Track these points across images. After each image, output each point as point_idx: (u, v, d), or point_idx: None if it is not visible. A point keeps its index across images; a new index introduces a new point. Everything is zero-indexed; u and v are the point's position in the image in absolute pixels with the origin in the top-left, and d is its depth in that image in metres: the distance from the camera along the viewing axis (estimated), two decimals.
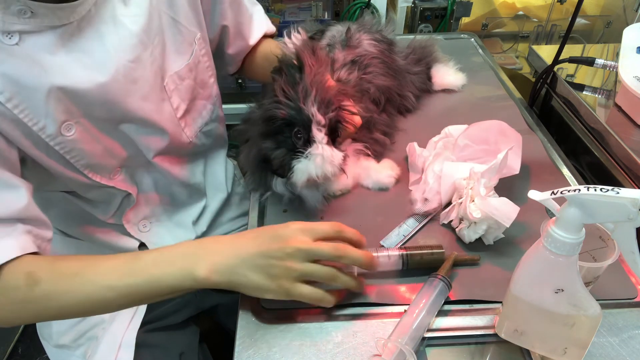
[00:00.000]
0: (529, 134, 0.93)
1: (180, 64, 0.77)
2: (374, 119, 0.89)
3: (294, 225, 0.61)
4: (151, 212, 0.86)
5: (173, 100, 0.77)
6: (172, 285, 0.60)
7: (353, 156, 0.84)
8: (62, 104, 0.63)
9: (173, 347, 0.85)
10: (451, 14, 1.43)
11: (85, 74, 0.64)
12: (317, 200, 0.78)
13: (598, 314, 0.52)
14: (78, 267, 0.61)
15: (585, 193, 0.46)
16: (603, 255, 0.61)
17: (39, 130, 0.63)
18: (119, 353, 0.80)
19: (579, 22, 1.49)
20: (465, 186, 0.71)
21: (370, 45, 0.93)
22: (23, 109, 0.61)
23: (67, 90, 0.63)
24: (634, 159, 0.83)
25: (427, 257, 0.67)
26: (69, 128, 0.65)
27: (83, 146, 0.68)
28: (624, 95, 0.94)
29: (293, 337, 0.62)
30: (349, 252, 0.60)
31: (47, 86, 0.61)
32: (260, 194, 0.83)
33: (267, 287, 0.59)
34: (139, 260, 0.61)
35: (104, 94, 0.66)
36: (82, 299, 0.60)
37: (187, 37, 0.78)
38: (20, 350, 1.58)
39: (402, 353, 0.56)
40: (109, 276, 0.60)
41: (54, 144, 0.65)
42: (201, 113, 0.86)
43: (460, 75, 1.09)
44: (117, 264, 0.61)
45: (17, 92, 0.60)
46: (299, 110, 0.69)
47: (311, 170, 0.69)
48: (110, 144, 0.73)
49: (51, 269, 0.60)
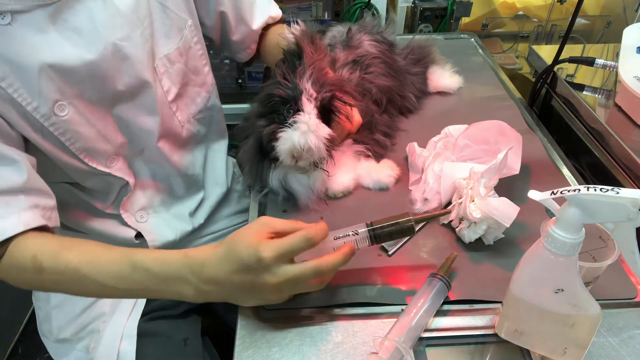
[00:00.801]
0: (529, 134, 0.93)
1: (170, 48, 0.78)
2: (375, 120, 0.89)
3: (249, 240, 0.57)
4: (148, 202, 0.86)
5: (164, 83, 0.78)
6: (169, 298, 0.63)
7: (354, 157, 0.84)
8: (54, 83, 0.65)
9: (176, 334, 0.85)
10: (451, 14, 1.43)
11: (74, 51, 0.66)
12: (309, 197, 0.78)
13: (598, 314, 0.52)
14: (78, 263, 0.61)
15: (585, 193, 0.46)
16: (603, 255, 0.61)
17: (32, 110, 0.64)
18: (121, 344, 0.81)
19: (579, 22, 1.49)
20: (465, 186, 0.71)
21: (371, 46, 0.93)
22: (16, 88, 0.62)
23: (57, 68, 0.64)
24: (634, 159, 0.83)
25: (395, 229, 0.62)
26: (61, 108, 0.67)
27: (77, 128, 0.69)
28: (624, 95, 0.94)
29: (293, 337, 0.62)
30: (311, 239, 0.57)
31: (38, 64, 0.63)
32: (257, 191, 0.83)
33: (263, 302, 0.62)
34: (136, 271, 0.61)
35: (92, 71, 0.68)
36: (84, 291, 0.65)
37: (176, 22, 0.79)
38: (20, 350, 1.58)
39: (398, 351, 0.56)
40: (108, 279, 0.61)
41: (48, 124, 0.66)
42: (194, 100, 0.87)
43: (457, 78, 1.09)
44: (116, 268, 0.62)
45: (10, 72, 0.62)
46: (294, 88, 0.71)
47: (294, 138, 0.69)
48: (104, 128, 0.74)
49: (54, 260, 0.62)
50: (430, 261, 0.70)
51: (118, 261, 0.62)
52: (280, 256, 0.56)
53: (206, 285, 0.59)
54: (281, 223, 0.59)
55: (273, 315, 0.64)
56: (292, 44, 0.76)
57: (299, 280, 0.58)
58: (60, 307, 0.87)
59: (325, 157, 0.74)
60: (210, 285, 0.59)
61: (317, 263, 0.57)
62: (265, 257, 0.55)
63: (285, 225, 0.59)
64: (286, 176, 0.77)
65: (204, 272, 0.59)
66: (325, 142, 0.71)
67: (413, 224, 0.62)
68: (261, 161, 0.77)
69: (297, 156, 0.71)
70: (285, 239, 0.56)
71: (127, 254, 0.62)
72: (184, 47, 0.81)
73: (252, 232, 0.57)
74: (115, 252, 0.63)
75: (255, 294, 0.60)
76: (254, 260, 0.55)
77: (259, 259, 0.55)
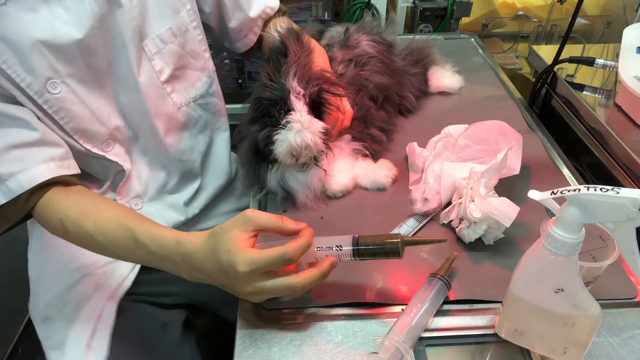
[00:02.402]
0: (529, 134, 0.93)
1: (161, 28, 0.79)
2: (371, 114, 0.89)
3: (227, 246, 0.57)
4: (143, 190, 0.87)
5: (155, 63, 0.79)
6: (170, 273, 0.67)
7: (351, 156, 0.84)
8: (46, 60, 0.67)
9: (156, 316, 0.86)
10: (451, 14, 1.43)
11: (64, 29, 0.68)
12: (307, 195, 0.78)
13: (598, 314, 0.52)
14: (94, 232, 0.67)
15: (585, 193, 0.46)
16: (603, 255, 0.61)
17: (26, 87, 0.67)
18: (99, 321, 0.82)
19: (579, 22, 1.49)
20: (465, 186, 0.71)
21: (369, 46, 0.93)
22: (10, 64, 0.65)
23: (48, 45, 0.67)
24: (634, 159, 0.83)
25: (380, 250, 0.60)
26: (54, 86, 0.69)
27: (70, 107, 0.72)
28: (624, 95, 0.94)
29: (293, 337, 0.62)
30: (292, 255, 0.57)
31: (30, 41, 0.65)
32: (255, 192, 0.83)
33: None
34: (138, 247, 0.65)
35: (82, 49, 0.70)
36: (103, 254, 0.71)
37: (172, 4, 0.80)
38: (20, 350, 1.58)
39: (398, 351, 0.56)
40: (118, 250, 0.68)
41: (41, 101, 0.69)
42: (194, 84, 0.87)
43: (457, 78, 1.09)
44: (123, 243, 0.66)
45: (4, 49, 0.64)
46: (280, 88, 0.71)
47: (290, 138, 0.69)
48: (97, 109, 0.75)
49: (75, 226, 0.68)
50: (430, 261, 0.70)
51: (123, 236, 0.66)
52: (255, 271, 0.57)
53: (196, 273, 0.62)
54: (266, 220, 0.59)
55: (273, 315, 0.64)
56: (278, 42, 0.77)
57: (272, 293, 0.60)
58: (47, 285, 0.87)
59: (324, 150, 0.74)
60: (199, 273, 0.62)
61: (291, 282, 0.58)
62: (239, 270, 0.56)
63: (271, 222, 0.59)
64: (284, 175, 0.78)
65: (192, 262, 0.61)
66: (321, 136, 0.72)
67: (399, 248, 0.59)
68: (258, 163, 0.77)
69: (296, 155, 0.71)
70: (262, 254, 0.56)
71: (131, 229, 0.65)
72: (179, 29, 0.81)
73: (235, 235, 0.57)
74: (122, 225, 0.66)
75: (235, 292, 0.62)
76: (230, 270, 0.57)
77: (234, 270, 0.57)
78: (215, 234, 0.59)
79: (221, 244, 0.58)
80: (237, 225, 0.58)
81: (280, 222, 0.59)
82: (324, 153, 0.75)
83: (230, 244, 0.57)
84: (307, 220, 0.76)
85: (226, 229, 0.58)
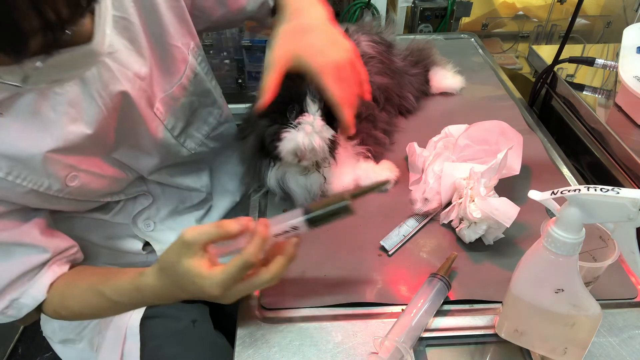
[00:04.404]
0: (529, 134, 0.93)
1: (172, 85, 0.76)
2: (374, 115, 0.89)
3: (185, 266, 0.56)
4: (156, 211, 0.86)
5: (167, 122, 0.77)
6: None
7: (353, 158, 0.84)
8: (60, 163, 0.64)
9: (184, 315, 0.84)
10: (451, 14, 1.43)
11: (74, 129, 0.63)
12: (306, 199, 0.78)
13: (598, 314, 0.52)
14: (80, 308, 0.69)
15: (585, 193, 0.46)
16: (603, 255, 0.61)
17: (45, 189, 0.64)
18: (125, 340, 0.81)
19: (579, 22, 1.49)
20: (465, 186, 0.71)
21: (368, 47, 0.93)
22: (25, 177, 0.61)
23: (60, 150, 0.62)
24: (634, 159, 0.83)
25: (333, 213, 0.58)
26: (73, 179, 0.67)
27: (91, 187, 0.70)
28: (624, 95, 0.94)
29: (293, 337, 0.62)
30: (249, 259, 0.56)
31: (40, 155, 0.61)
32: (254, 190, 0.83)
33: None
34: (118, 304, 0.66)
35: (94, 140, 0.66)
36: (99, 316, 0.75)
37: (177, 55, 0.76)
38: (20, 350, 1.58)
39: (398, 351, 0.56)
40: (106, 312, 0.72)
41: (62, 195, 0.67)
42: (206, 120, 0.86)
43: (459, 78, 1.09)
44: (105, 305, 0.67)
45: (14, 165, 0.60)
46: (297, 87, 0.70)
47: (299, 139, 0.68)
48: (113, 173, 0.74)
49: (66, 309, 0.69)
50: (430, 261, 0.70)
51: (101, 301, 0.66)
52: (227, 287, 0.56)
53: (176, 297, 0.62)
54: (207, 234, 0.56)
55: (273, 315, 0.64)
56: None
57: (252, 291, 0.62)
58: None
59: (328, 158, 0.74)
60: (177, 297, 0.62)
61: (265, 278, 0.57)
62: (214, 293, 0.56)
63: (211, 234, 0.56)
64: (284, 176, 0.77)
65: (163, 296, 0.62)
66: (329, 144, 0.71)
67: (349, 205, 0.58)
68: (260, 160, 0.77)
69: (300, 156, 0.71)
70: (226, 271, 0.55)
71: (102, 293, 0.66)
72: (189, 79, 0.79)
73: (188, 265, 0.56)
74: (96, 292, 0.66)
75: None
76: (206, 295, 0.57)
77: (209, 294, 0.56)
78: (166, 270, 0.58)
79: (183, 280, 0.57)
80: (183, 254, 0.56)
81: (220, 230, 0.56)
82: (328, 161, 0.75)
83: (189, 275, 0.56)
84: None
85: (176, 262, 0.56)
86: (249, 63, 1.56)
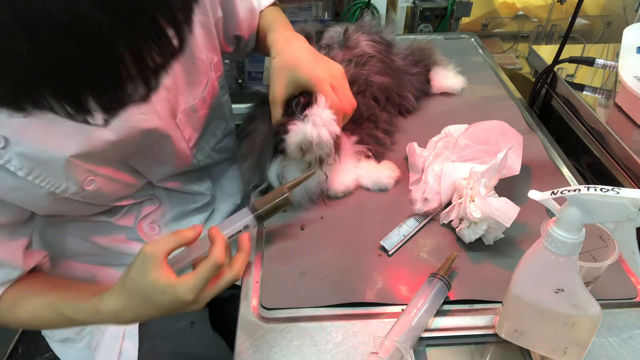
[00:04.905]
0: (529, 134, 0.93)
1: (195, 97, 0.78)
2: (376, 115, 0.89)
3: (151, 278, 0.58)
4: (161, 216, 0.87)
5: (185, 133, 0.78)
6: None
7: (354, 157, 0.84)
8: (80, 167, 0.65)
9: (182, 316, 0.85)
10: (451, 14, 1.43)
11: (99, 135, 0.64)
12: (303, 197, 0.78)
13: (598, 314, 0.52)
14: (27, 319, 0.66)
15: (585, 193, 0.46)
16: (603, 255, 0.61)
17: (62, 192, 0.64)
18: (123, 341, 0.81)
19: (579, 22, 1.49)
20: (465, 186, 0.71)
21: (368, 46, 0.93)
22: (44, 178, 0.62)
23: (83, 155, 0.64)
24: (634, 159, 0.83)
25: (276, 207, 0.68)
26: (90, 183, 0.67)
27: (105, 191, 0.71)
28: (624, 95, 0.94)
29: (293, 337, 0.62)
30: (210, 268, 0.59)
31: (63, 159, 0.62)
32: (254, 186, 0.82)
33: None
34: (73, 321, 0.65)
35: (116, 147, 0.67)
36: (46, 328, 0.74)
37: (202, 68, 0.78)
38: (20, 350, 1.58)
39: (398, 351, 0.56)
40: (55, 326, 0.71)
41: (77, 198, 0.67)
42: (215, 133, 0.88)
43: (460, 79, 1.09)
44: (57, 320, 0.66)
45: (35, 167, 0.61)
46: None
47: (307, 130, 0.69)
48: (126, 179, 0.75)
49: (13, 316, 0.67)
50: (430, 261, 0.70)
51: (54, 316, 0.65)
52: (199, 291, 0.59)
53: (136, 319, 0.62)
54: (167, 244, 0.59)
55: (273, 316, 0.64)
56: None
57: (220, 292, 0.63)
58: None
59: (332, 154, 0.74)
60: (138, 318, 0.62)
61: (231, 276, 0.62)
62: (188, 299, 0.58)
63: (170, 243, 0.59)
64: (284, 171, 0.77)
65: (124, 317, 0.62)
66: (335, 139, 0.71)
67: (289, 197, 0.68)
68: (264, 153, 0.76)
69: (306, 149, 0.70)
70: (197, 275, 0.58)
71: (57, 308, 0.65)
72: (209, 92, 0.80)
73: (155, 277, 0.57)
74: (50, 306, 0.66)
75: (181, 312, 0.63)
76: (179, 304, 0.59)
77: (183, 302, 0.58)
78: (131, 290, 0.59)
79: (152, 294, 0.58)
80: (147, 269, 0.58)
81: (178, 237, 0.60)
82: (331, 158, 0.75)
83: (158, 287, 0.57)
84: (307, 220, 0.77)
85: (140, 278, 0.58)
86: (249, 63, 1.56)
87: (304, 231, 0.76)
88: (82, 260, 0.84)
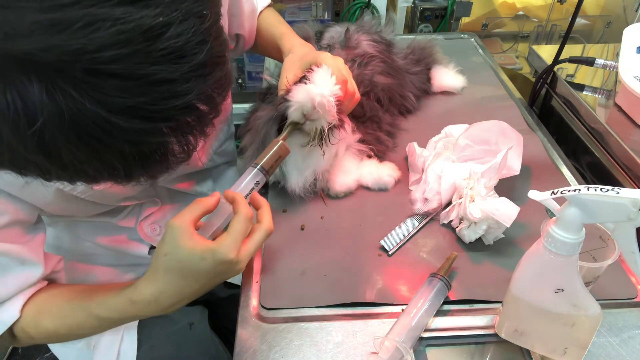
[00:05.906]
0: (529, 134, 0.93)
1: None
2: (379, 116, 0.89)
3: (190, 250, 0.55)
4: (162, 216, 0.87)
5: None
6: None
7: (356, 157, 0.84)
8: None
9: (181, 318, 0.85)
10: (451, 14, 1.43)
11: None
12: (298, 184, 0.77)
13: (598, 314, 0.52)
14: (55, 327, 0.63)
15: (585, 193, 0.46)
16: (603, 255, 0.61)
17: (70, 189, 0.64)
18: (122, 341, 0.81)
19: (579, 22, 1.49)
20: (465, 186, 0.71)
21: (369, 46, 0.93)
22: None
23: None
24: (634, 159, 0.83)
25: (277, 157, 0.67)
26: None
27: (111, 190, 0.70)
28: (624, 95, 0.94)
29: (293, 337, 0.62)
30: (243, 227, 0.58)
31: None
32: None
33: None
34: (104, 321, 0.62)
35: None
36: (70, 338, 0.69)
37: None
38: (20, 350, 1.58)
39: (398, 351, 0.56)
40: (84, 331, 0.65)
41: (84, 197, 0.67)
42: (217, 136, 0.88)
43: (460, 78, 1.09)
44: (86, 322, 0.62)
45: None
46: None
47: (310, 89, 0.68)
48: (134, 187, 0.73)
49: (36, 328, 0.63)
50: (430, 261, 0.70)
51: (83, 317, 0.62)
52: (238, 248, 0.57)
53: (173, 305, 0.59)
54: (190, 213, 0.57)
55: (273, 316, 0.64)
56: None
57: (258, 248, 0.61)
58: None
59: (335, 122, 0.72)
60: (178, 302, 0.59)
61: (263, 231, 0.60)
62: (230, 258, 0.55)
63: (195, 211, 0.58)
64: None
65: (162, 302, 0.58)
66: (337, 104, 0.70)
67: (284, 144, 0.67)
68: (268, 133, 0.75)
69: (307, 114, 0.69)
70: (231, 233, 0.56)
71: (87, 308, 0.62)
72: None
73: (190, 246, 0.54)
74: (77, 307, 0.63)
75: (229, 278, 0.60)
76: (223, 267, 0.56)
77: (227, 262, 0.55)
78: (165, 268, 0.56)
79: (190, 264, 0.55)
80: (178, 239, 0.55)
81: (200, 205, 0.58)
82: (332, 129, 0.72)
83: (195, 254, 0.54)
84: (307, 220, 0.77)
85: (174, 251, 0.55)
86: (249, 63, 1.56)
87: (304, 231, 0.76)
88: (83, 260, 0.84)
